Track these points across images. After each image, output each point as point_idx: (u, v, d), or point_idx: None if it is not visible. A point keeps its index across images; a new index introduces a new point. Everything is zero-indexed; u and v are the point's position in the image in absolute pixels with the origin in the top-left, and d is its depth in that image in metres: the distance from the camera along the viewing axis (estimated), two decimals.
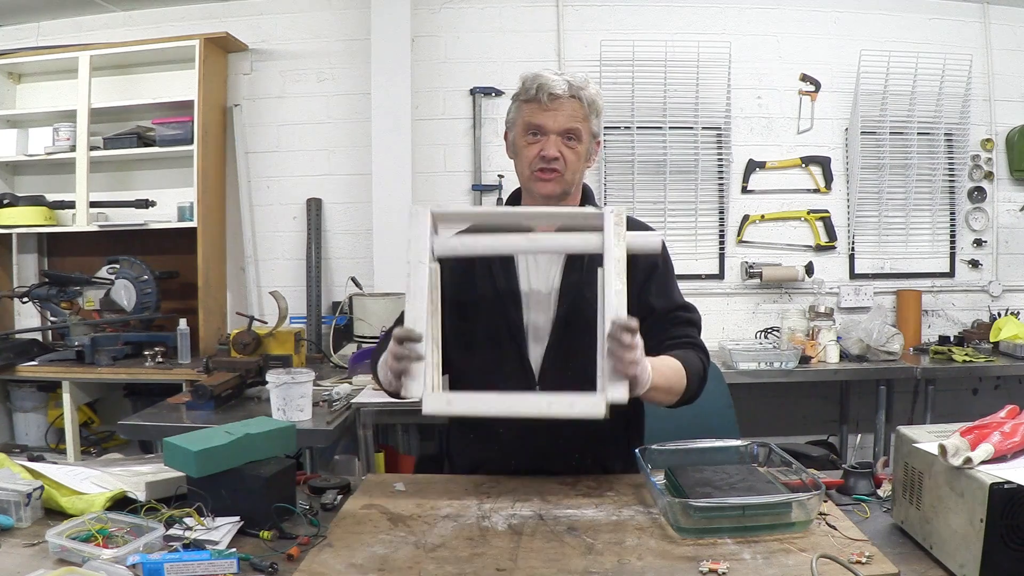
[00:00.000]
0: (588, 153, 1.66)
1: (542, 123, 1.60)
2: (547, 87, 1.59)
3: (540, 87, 1.59)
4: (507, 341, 1.62)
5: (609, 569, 1.15)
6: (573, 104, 1.60)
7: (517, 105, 1.66)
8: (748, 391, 3.44)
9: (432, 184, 3.89)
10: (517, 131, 1.65)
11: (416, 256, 1.37)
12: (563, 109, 1.60)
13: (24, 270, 4.02)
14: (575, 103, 1.61)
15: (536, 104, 1.60)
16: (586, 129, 1.63)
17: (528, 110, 1.62)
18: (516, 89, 1.66)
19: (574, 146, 1.62)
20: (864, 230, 3.95)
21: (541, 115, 1.60)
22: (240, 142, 3.92)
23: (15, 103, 3.99)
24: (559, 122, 1.59)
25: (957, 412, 3.72)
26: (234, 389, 2.73)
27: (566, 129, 1.60)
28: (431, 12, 3.88)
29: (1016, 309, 3.87)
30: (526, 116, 1.62)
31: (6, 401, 3.71)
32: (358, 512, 1.40)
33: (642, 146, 3.85)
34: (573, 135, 1.61)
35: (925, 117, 3.87)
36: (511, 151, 1.70)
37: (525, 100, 1.63)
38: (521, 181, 1.70)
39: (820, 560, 1.12)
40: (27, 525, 1.33)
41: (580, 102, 1.61)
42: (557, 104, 1.59)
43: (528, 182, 1.66)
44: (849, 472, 1.50)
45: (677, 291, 1.70)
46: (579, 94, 1.61)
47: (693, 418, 1.70)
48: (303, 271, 3.89)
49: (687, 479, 1.39)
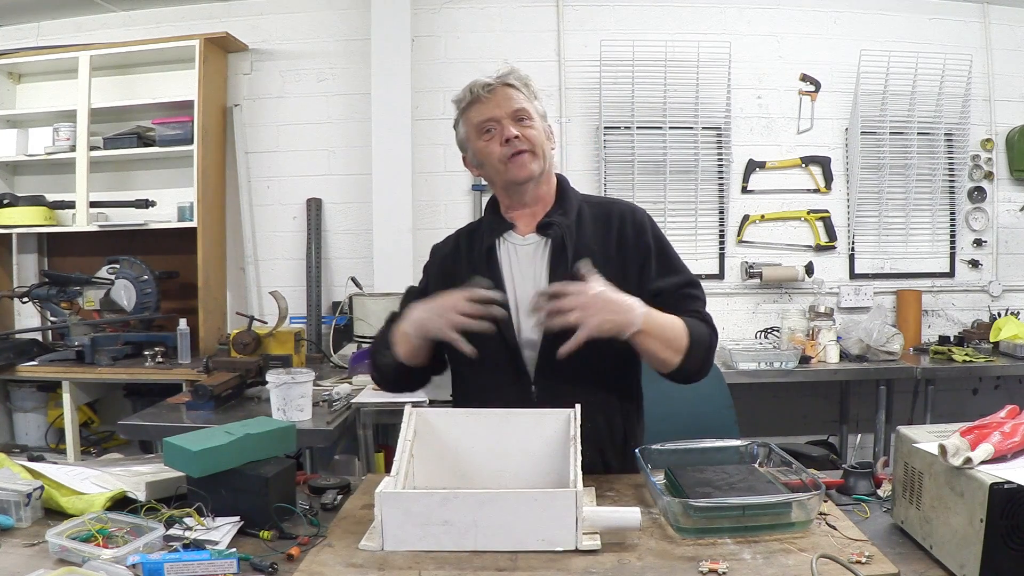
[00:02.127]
0: (546, 132, 1.66)
1: (489, 115, 1.61)
2: (478, 84, 1.62)
3: (471, 87, 1.62)
4: (500, 348, 1.60)
5: (609, 569, 1.15)
6: (507, 90, 1.62)
7: (462, 119, 1.67)
8: (748, 391, 3.44)
9: (432, 184, 3.89)
10: (472, 139, 1.65)
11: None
12: (501, 94, 1.61)
13: (24, 270, 4.03)
14: (509, 88, 1.62)
15: (476, 102, 1.62)
16: (533, 109, 1.63)
17: (472, 112, 1.63)
18: (454, 117, 1.69)
19: (529, 124, 1.62)
20: (864, 230, 3.95)
21: (484, 108, 1.61)
22: (240, 142, 3.92)
23: (15, 103, 4.00)
24: (504, 107, 1.60)
25: (957, 412, 3.73)
26: (234, 389, 2.73)
27: (514, 111, 1.60)
28: (431, 12, 3.89)
29: (1016, 309, 3.88)
30: (473, 118, 1.63)
31: (6, 401, 3.71)
32: (358, 512, 1.39)
33: (642, 146, 3.85)
34: (523, 115, 1.61)
35: (925, 117, 3.87)
36: (475, 165, 1.70)
37: (465, 107, 1.64)
38: (497, 182, 1.67)
39: (820, 560, 1.12)
40: (27, 525, 1.33)
41: (513, 86, 1.62)
42: (493, 92, 1.61)
43: (505, 176, 1.63)
44: (849, 472, 1.50)
45: (678, 263, 1.68)
46: (508, 79, 1.63)
47: (693, 418, 1.70)
48: (303, 271, 3.89)
49: (687, 479, 1.39)
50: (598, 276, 1.49)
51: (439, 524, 1.20)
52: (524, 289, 1.63)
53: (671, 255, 1.68)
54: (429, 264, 1.80)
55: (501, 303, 1.53)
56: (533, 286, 1.62)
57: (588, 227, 1.66)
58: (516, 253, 1.67)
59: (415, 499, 1.24)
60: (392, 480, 1.29)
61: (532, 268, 1.65)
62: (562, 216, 1.65)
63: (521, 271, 1.65)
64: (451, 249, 1.77)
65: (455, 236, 1.80)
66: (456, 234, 1.81)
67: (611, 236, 1.65)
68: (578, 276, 1.49)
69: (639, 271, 1.63)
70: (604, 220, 1.67)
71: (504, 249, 1.68)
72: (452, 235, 1.82)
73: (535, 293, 1.51)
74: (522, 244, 1.67)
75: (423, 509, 1.21)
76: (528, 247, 1.67)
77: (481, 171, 1.70)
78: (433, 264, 1.78)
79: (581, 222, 1.66)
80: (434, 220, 3.84)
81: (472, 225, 1.82)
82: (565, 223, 1.64)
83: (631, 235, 1.65)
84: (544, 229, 1.65)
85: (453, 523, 1.20)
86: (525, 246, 1.67)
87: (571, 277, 1.56)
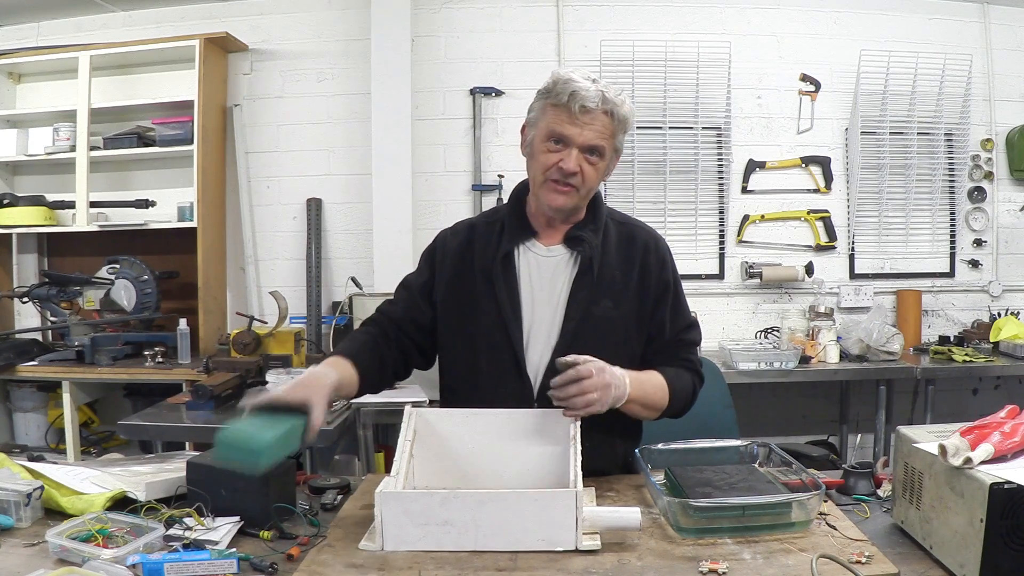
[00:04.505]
0: (607, 169, 1.57)
1: (568, 135, 1.48)
2: (580, 97, 1.45)
3: (573, 95, 1.45)
4: (504, 350, 1.55)
5: (609, 569, 1.15)
6: (604, 120, 1.48)
7: (543, 105, 1.51)
8: (748, 391, 3.44)
9: (432, 184, 3.89)
10: (538, 133, 1.52)
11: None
12: (593, 125, 1.47)
13: (24, 270, 4.02)
14: (606, 119, 1.48)
15: (565, 112, 1.47)
16: (610, 146, 1.52)
17: (554, 115, 1.49)
18: (546, 84, 1.52)
19: (595, 162, 1.51)
20: (864, 230, 3.95)
21: (568, 126, 1.47)
22: (240, 142, 3.92)
23: (15, 103, 3.99)
24: (586, 137, 1.47)
25: (957, 412, 3.73)
26: (234, 389, 2.73)
27: (591, 146, 1.49)
28: (431, 12, 3.88)
29: (1016, 309, 3.87)
30: (551, 122, 1.49)
31: (6, 401, 3.71)
32: (358, 512, 1.40)
33: (642, 146, 3.85)
34: (597, 152, 1.50)
35: (925, 117, 3.87)
36: (526, 149, 1.58)
37: (553, 104, 1.49)
38: (532, 184, 1.58)
39: (820, 560, 1.12)
40: (27, 525, 1.33)
41: (611, 118, 1.49)
42: (588, 118, 1.47)
43: (540, 189, 1.53)
44: (849, 472, 1.50)
45: (685, 308, 1.67)
46: (613, 110, 1.48)
47: (693, 418, 1.70)
48: (303, 271, 3.89)
49: (687, 479, 1.39)
50: (584, 359, 1.42)
51: (439, 524, 1.20)
52: (541, 303, 1.56)
53: (681, 295, 1.67)
54: (437, 255, 1.67)
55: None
56: (552, 302, 1.56)
57: (612, 248, 1.60)
58: (538, 265, 1.58)
59: (415, 499, 1.24)
60: (392, 480, 1.29)
61: (553, 284, 1.57)
62: (592, 232, 1.58)
63: (541, 285, 1.57)
64: (463, 243, 1.64)
65: (466, 228, 1.68)
66: (468, 225, 1.68)
67: (634, 263, 1.60)
68: (562, 368, 1.41)
69: (654, 305, 1.61)
70: (628, 244, 1.62)
71: (524, 257, 1.59)
72: (463, 225, 1.69)
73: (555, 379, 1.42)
74: (546, 256, 1.59)
75: (423, 509, 1.21)
76: (551, 260, 1.59)
77: (525, 156, 1.59)
78: (445, 256, 1.65)
79: (607, 242, 1.60)
80: (434, 220, 3.84)
81: (489, 216, 1.69)
82: (595, 242, 1.56)
83: (654, 268, 1.61)
84: (572, 243, 1.58)
85: (453, 523, 1.20)
86: (549, 258, 1.59)
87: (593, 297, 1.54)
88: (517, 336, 1.55)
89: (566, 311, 1.55)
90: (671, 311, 1.63)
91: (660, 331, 1.61)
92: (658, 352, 1.62)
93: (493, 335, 1.56)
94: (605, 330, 1.56)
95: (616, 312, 1.56)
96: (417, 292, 1.66)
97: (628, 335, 1.59)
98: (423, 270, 1.69)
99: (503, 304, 1.55)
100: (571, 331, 1.54)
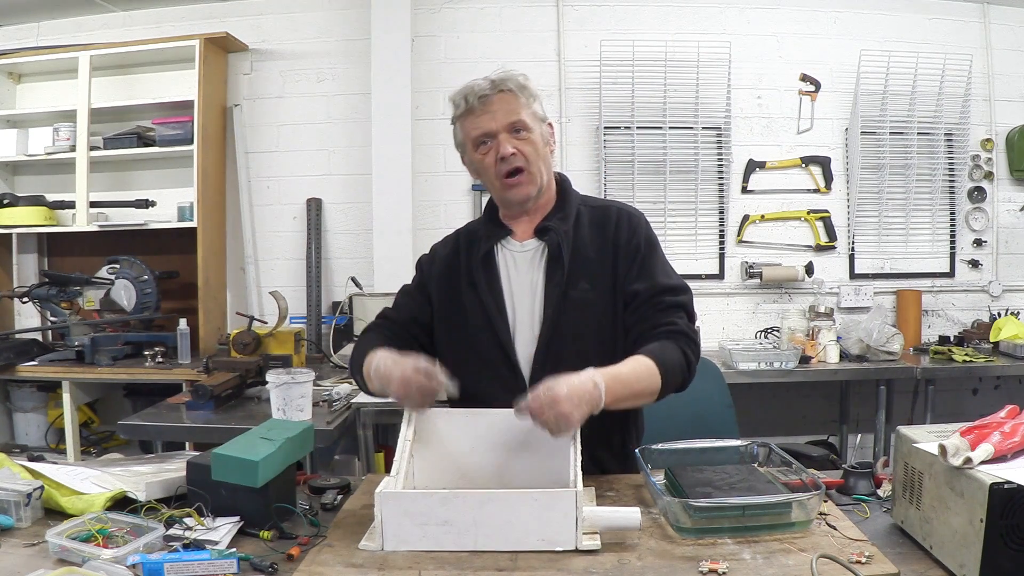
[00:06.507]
0: (544, 138, 1.62)
1: (484, 128, 1.57)
2: (474, 92, 1.56)
3: (467, 96, 1.57)
4: (494, 347, 1.60)
5: (609, 569, 1.15)
6: (504, 97, 1.57)
7: (457, 126, 1.63)
8: (748, 391, 3.44)
9: (432, 184, 3.89)
10: (468, 149, 1.62)
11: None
12: (497, 105, 1.56)
13: (24, 270, 4.03)
14: (506, 95, 1.57)
15: (471, 114, 1.58)
16: (531, 116, 1.59)
17: (468, 123, 1.59)
18: (451, 114, 1.63)
19: (526, 137, 1.57)
20: (864, 230, 3.95)
21: (480, 121, 1.57)
22: (240, 142, 3.92)
23: (15, 103, 4.00)
24: (499, 120, 1.56)
25: (957, 412, 3.73)
26: (234, 389, 2.73)
27: (510, 123, 1.56)
28: (431, 12, 3.88)
29: (1016, 309, 3.88)
30: (469, 130, 1.59)
31: (6, 401, 3.72)
32: (358, 512, 1.39)
33: (642, 146, 3.85)
34: (520, 127, 1.57)
35: (925, 117, 3.87)
36: (473, 172, 1.67)
37: (461, 116, 1.60)
38: (493, 194, 1.67)
39: (820, 560, 1.12)
40: (27, 525, 1.33)
41: (510, 92, 1.57)
42: (488, 103, 1.56)
43: (501, 193, 1.62)
44: (849, 472, 1.50)
45: (662, 271, 1.61)
46: (507, 87, 1.57)
47: (693, 418, 1.70)
48: (303, 271, 3.89)
49: (687, 479, 1.39)
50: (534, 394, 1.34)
51: (439, 524, 1.20)
52: (521, 296, 1.62)
53: (657, 259, 1.63)
54: (428, 264, 1.76)
55: (452, 397, 1.50)
56: (531, 294, 1.61)
57: (586, 231, 1.64)
58: (514, 260, 1.66)
59: (415, 499, 1.24)
60: (392, 480, 1.29)
61: (530, 276, 1.63)
62: (560, 221, 1.63)
63: (519, 278, 1.64)
64: (451, 251, 1.74)
65: (455, 237, 1.78)
66: (456, 234, 1.78)
67: (607, 239, 1.63)
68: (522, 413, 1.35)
69: (625, 272, 1.60)
70: (601, 223, 1.65)
71: (502, 255, 1.66)
72: (452, 235, 1.79)
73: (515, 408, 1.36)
74: (520, 251, 1.66)
75: (423, 509, 1.21)
76: (526, 253, 1.65)
77: (478, 178, 1.68)
78: (434, 265, 1.74)
79: (579, 226, 1.64)
80: (434, 220, 3.84)
81: (472, 225, 1.79)
82: (563, 228, 1.62)
83: (624, 235, 1.63)
84: (542, 234, 1.64)
85: (453, 523, 1.20)
86: (523, 252, 1.65)
87: (566, 285, 1.57)
88: (504, 330, 1.60)
89: (544, 299, 1.60)
90: (641, 270, 1.59)
91: (634, 295, 1.58)
92: (639, 319, 1.57)
93: (482, 332, 1.61)
94: (585, 312, 1.58)
95: (593, 293, 1.59)
96: (417, 292, 1.75)
97: (609, 312, 1.60)
98: (418, 275, 1.79)
99: (487, 302, 1.61)
100: (551, 317, 1.58)
